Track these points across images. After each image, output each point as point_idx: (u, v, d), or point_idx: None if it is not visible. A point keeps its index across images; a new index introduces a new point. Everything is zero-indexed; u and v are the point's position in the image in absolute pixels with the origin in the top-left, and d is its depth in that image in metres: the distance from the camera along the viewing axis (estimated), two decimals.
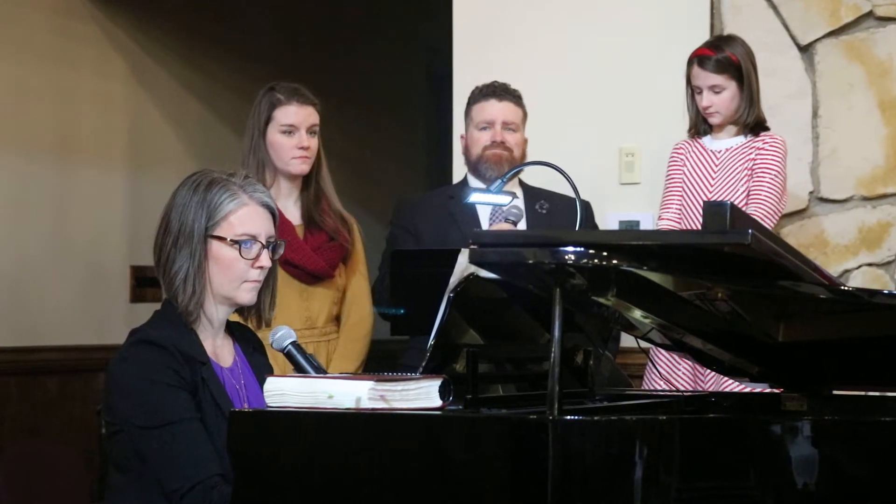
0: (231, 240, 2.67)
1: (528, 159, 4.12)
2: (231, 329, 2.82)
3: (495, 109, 4.10)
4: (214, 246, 2.68)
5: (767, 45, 4.45)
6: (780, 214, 4.07)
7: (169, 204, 2.72)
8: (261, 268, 2.71)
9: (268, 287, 2.78)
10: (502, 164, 4.05)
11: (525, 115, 4.16)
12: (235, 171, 2.76)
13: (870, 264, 4.43)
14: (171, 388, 2.57)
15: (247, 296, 2.72)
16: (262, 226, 2.71)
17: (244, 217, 2.69)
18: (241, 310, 2.79)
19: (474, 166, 4.12)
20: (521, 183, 4.18)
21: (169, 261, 2.68)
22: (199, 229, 2.66)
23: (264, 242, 2.71)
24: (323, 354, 3.95)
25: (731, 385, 3.68)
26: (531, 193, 4.15)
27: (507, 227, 3.88)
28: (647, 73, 4.61)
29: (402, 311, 3.77)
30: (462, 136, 4.22)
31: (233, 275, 2.69)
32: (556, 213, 4.07)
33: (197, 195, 2.68)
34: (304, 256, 3.94)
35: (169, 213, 2.70)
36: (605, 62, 4.68)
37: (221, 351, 2.76)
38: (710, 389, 3.83)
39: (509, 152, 4.08)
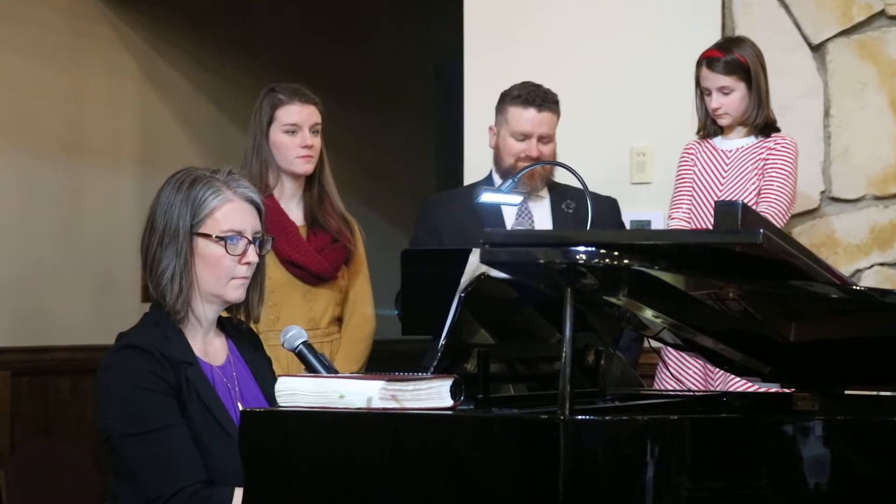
0: (217, 236, 2.65)
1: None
2: (224, 326, 2.79)
3: (535, 121, 4.00)
4: (200, 243, 2.65)
5: (779, 44, 4.45)
6: (789, 216, 4.07)
7: (153, 203, 2.69)
8: (248, 264, 2.68)
9: (256, 283, 2.75)
10: (534, 178, 4.02)
11: (559, 117, 4.08)
12: (220, 167, 2.73)
13: (882, 264, 4.42)
14: (155, 394, 2.54)
15: (234, 293, 2.69)
16: (247, 221, 2.68)
17: (229, 213, 2.66)
18: (228, 307, 2.76)
19: (504, 172, 4.03)
20: (549, 182, 4.13)
21: (155, 260, 2.65)
22: (184, 227, 2.63)
23: (250, 238, 2.68)
24: (325, 355, 3.94)
25: (739, 385, 3.67)
26: (558, 192, 4.11)
27: None
28: (659, 72, 4.60)
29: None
30: (491, 128, 4.12)
31: (220, 272, 2.66)
32: (582, 212, 4.03)
33: (181, 193, 2.66)
34: (307, 257, 3.93)
35: (154, 213, 2.67)
36: (616, 61, 4.67)
37: (212, 349, 2.73)
38: (719, 389, 3.83)
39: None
